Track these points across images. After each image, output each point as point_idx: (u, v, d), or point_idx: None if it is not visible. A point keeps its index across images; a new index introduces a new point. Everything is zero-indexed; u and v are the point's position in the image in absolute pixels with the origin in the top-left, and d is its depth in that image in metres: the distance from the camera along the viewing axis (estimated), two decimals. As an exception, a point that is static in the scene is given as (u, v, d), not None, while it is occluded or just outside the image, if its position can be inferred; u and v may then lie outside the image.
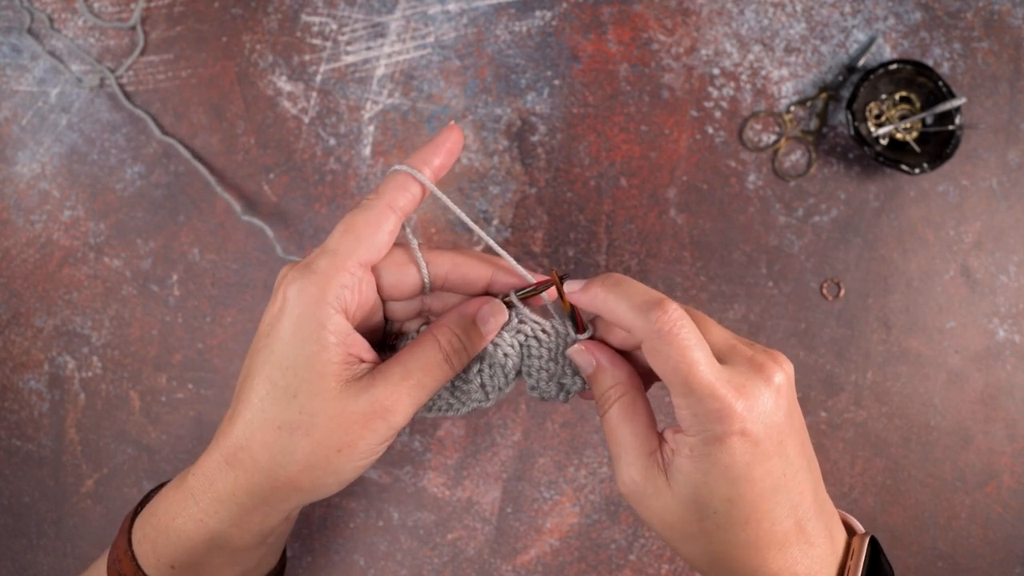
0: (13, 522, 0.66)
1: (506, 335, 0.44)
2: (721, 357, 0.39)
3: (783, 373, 0.39)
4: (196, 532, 0.42)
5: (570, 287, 0.43)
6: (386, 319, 0.47)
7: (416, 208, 0.43)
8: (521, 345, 0.45)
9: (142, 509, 0.45)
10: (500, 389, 0.45)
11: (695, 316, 0.41)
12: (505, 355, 0.44)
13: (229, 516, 0.41)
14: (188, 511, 0.42)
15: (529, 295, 0.44)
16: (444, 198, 0.43)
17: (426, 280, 0.44)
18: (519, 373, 0.46)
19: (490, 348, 0.44)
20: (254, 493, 0.40)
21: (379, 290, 0.44)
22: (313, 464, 0.39)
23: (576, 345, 0.43)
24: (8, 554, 0.66)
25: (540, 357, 0.44)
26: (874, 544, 0.42)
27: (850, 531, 0.43)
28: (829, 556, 0.40)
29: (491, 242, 0.44)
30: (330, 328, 0.39)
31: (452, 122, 0.45)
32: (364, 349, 0.41)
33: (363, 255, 0.40)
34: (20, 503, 0.66)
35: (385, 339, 0.47)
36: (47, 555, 0.66)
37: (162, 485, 0.46)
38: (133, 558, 0.43)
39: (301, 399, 0.39)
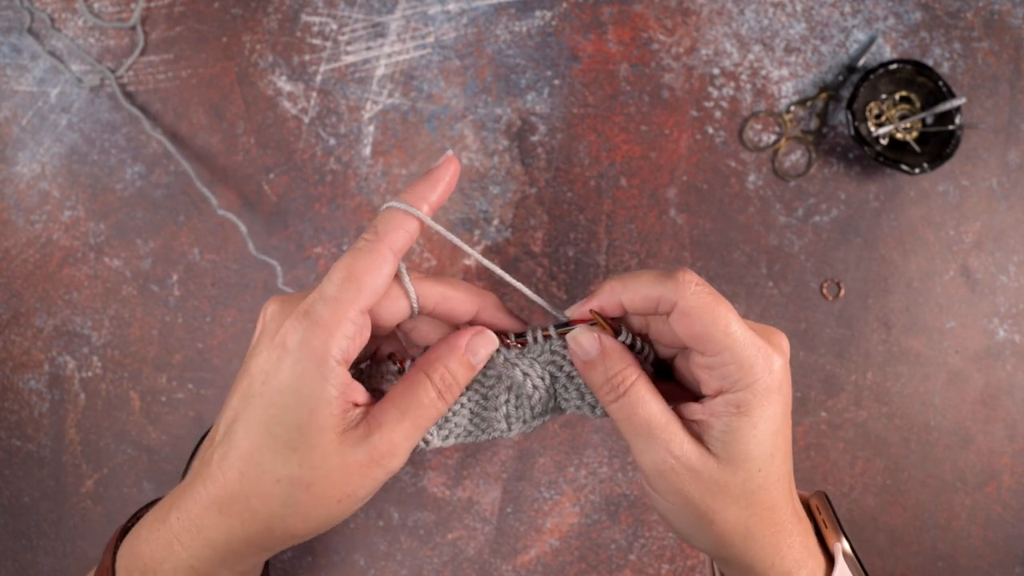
0: (13, 522, 0.66)
1: (537, 366, 0.43)
2: None
3: (786, 340, 0.42)
4: None
5: (576, 309, 0.43)
6: None
7: (413, 244, 0.43)
8: (552, 377, 0.44)
9: (127, 532, 0.44)
10: (524, 422, 0.44)
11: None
12: (534, 387, 0.43)
13: (221, 560, 0.41)
14: (177, 556, 0.41)
15: (566, 331, 0.43)
16: (446, 233, 0.42)
17: (415, 307, 0.44)
18: (545, 412, 0.45)
19: (519, 378, 0.43)
20: (251, 541, 0.40)
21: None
22: (314, 516, 0.39)
23: (577, 328, 0.42)
24: (8, 554, 0.66)
25: (566, 387, 0.44)
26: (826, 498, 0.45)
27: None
28: (806, 519, 0.43)
29: (503, 274, 0.43)
30: (332, 382, 0.38)
31: (450, 152, 0.44)
32: (359, 393, 0.41)
33: (364, 302, 0.40)
34: (20, 503, 0.66)
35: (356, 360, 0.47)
36: (47, 555, 0.66)
37: (145, 508, 0.45)
38: None
39: (301, 452, 0.38)
